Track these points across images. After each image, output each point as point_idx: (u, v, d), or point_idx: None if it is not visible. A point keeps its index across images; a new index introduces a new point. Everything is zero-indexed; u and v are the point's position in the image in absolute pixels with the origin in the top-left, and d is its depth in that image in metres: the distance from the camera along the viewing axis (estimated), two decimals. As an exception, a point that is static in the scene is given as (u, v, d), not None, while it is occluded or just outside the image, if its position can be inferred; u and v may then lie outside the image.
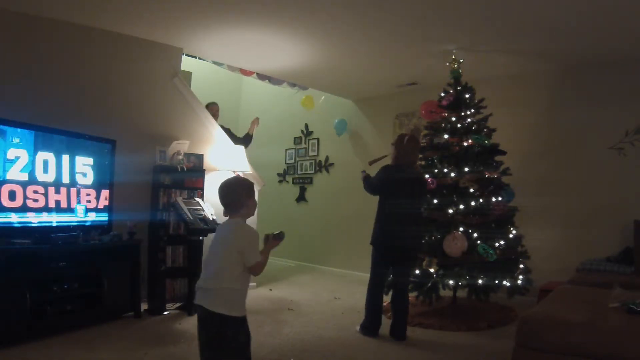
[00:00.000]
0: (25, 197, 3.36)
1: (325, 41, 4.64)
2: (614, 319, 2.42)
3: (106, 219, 3.99)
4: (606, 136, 4.68)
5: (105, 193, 3.99)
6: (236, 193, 2.26)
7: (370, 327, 3.65)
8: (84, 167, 3.83)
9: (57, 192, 3.60)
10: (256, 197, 2.79)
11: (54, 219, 3.55)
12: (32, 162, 3.42)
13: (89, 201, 3.85)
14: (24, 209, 3.34)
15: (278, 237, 2.31)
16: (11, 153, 3.29)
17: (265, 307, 4.53)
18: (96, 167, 3.92)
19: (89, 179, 3.86)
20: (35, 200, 3.43)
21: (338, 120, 6.75)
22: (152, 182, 4.51)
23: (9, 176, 3.26)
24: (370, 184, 3.78)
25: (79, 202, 3.77)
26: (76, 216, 3.75)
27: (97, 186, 3.93)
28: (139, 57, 4.63)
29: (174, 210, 4.34)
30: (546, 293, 3.54)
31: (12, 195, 3.27)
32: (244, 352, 2.16)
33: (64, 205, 3.64)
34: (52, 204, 3.54)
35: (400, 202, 3.55)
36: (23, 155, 3.37)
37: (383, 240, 3.61)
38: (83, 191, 3.81)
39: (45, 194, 3.50)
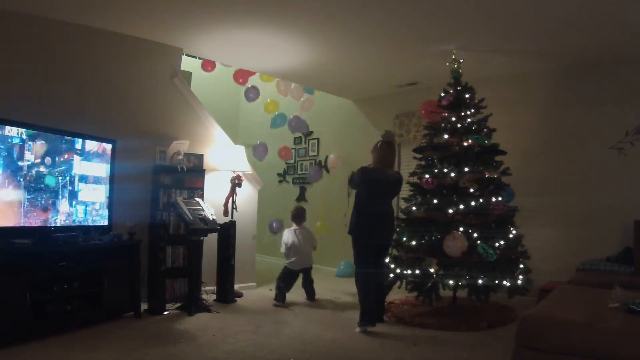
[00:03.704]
0: (27, 196, 3.37)
1: (325, 41, 4.64)
2: (614, 319, 2.41)
3: (106, 219, 3.99)
4: (606, 136, 4.68)
5: (105, 193, 3.99)
6: (302, 214, 5.01)
7: (369, 315, 3.78)
8: (84, 166, 3.83)
9: (57, 191, 3.60)
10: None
11: (53, 219, 3.56)
12: (33, 161, 3.42)
13: (89, 201, 3.85)
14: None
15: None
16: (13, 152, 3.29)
17: (265, 307, 4.53)
18: (96, 167, 3.92)
19: (89, 178, 3.86)
20: (36, 199, 3.43)
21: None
22: (152, 182, 4.51)
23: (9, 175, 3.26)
24: (352, 181, 4.10)
25: (79, 202, 3.78)
26: (76, 216, 3.75)
27: (97, 186, 3.93)
28: (139, 57, 4.63)
29: (174, 210, 4.34)
30: (546, 293, 3.54)
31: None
32: None
33: (64, 205, 3.65)
34: (52, 204, 3.55)
35: (378, 200, 3.91)
36: (24, 154, 3.37)
37: (363, 236, 3.87)
38: (83, 191, 3.81)
39: (46, 193, 3.51)
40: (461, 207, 4.07)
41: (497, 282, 3.97)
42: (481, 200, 4.11)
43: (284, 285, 4.73)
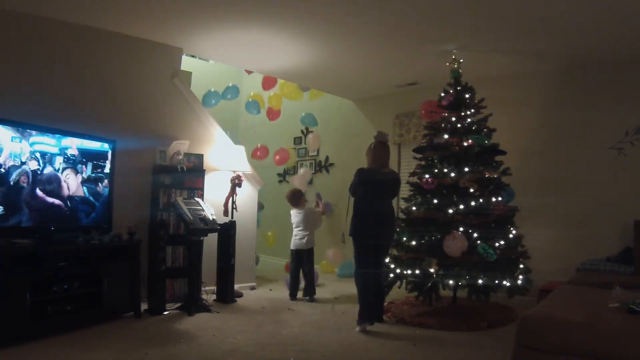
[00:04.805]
0: (26, 196, 3.36)
1: (326, 41, 4.64)
2: (614, 319, 2.41)
3: (106, 219, 3.99)
4: (606, 136, 4.68)
5: (105, 193, 3.99)
6: (297, 198, 5.14)
7: (369, 314, 3.81)
8: (84, 167, 3.83)
9: (58, 192, 3.60)
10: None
11: (53, 218, 3.56)
12: (33, 161, 3.42)
13: (89, 201, 3.85)
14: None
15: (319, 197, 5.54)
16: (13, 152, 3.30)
17: (265, 307, 4.54)
18: (96, 167, 3.92)
19: (89, 178, 3.86)
20: (35, 199, 3.42)
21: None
22: (152, 182, 4.52)
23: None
24: (350, 187, 4.06)
25: (79, 201, 3.77)
26: (76, 216, 3.75)
27: (97, 186, 3.93)
28: (139, 57, 4.63)
29: (174, 210, 4.34)
30: (546, 293, 3.54)
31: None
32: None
33: (64, 205, 3.65)
34: (52, 204, 3.55)
35: (376, 200, 3.93)
36: (25, 154, 3.37)
37: (363, 236, 3.90)
38: (83, 190, 3.81)
39: (46, 194, 3.50)
40: (461, 207, 4.07)
41: (497, 282, 3.96)
42: (481, 200, 4.10)
43: (291, 272, 5.04)
